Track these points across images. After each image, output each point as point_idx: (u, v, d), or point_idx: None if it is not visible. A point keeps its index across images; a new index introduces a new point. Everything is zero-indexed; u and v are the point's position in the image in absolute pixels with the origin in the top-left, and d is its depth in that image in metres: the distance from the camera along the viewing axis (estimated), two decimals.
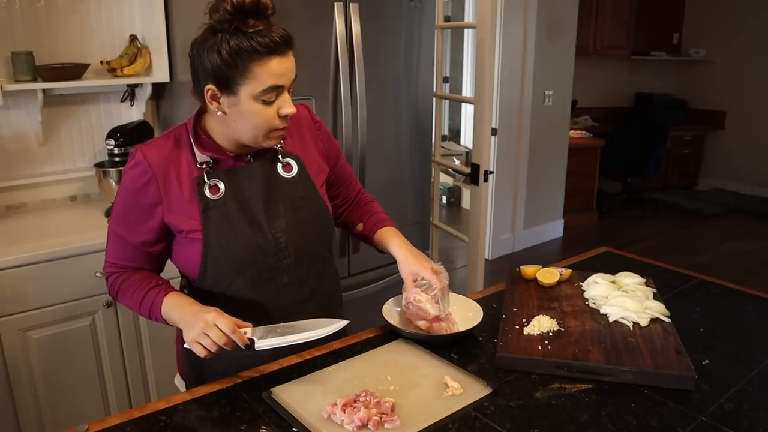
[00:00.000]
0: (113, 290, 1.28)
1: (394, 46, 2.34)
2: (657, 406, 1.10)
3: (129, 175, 1.21)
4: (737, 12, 6.22)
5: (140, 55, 2.31)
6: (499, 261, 4.54)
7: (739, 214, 5.81)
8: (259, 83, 1.11)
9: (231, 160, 1.24)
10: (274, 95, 1.14)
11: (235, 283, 1.24)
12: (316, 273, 1.34)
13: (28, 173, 2.30)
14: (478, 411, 1.08)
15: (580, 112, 6.06)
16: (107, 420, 1.06)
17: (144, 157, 1.19)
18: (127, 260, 1.26)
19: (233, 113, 1.15)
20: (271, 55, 1.10)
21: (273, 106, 1.15)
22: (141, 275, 1.26)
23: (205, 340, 1.10)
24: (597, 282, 1.52)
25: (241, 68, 1.10)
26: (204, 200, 1.21)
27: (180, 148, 1.22)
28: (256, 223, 1.24)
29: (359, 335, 1.37)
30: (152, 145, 1.22)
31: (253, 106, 1.13)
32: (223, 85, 1.13)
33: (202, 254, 1.21)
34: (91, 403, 2.04)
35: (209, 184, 1.21)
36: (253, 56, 1.09)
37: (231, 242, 1.21)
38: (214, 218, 1.21)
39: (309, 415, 1.05)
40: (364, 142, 2.22)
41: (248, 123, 1.15)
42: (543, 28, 4.38)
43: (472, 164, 2.59)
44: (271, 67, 1.11)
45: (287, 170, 1.29)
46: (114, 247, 1.27)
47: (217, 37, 1.11)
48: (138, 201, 1.20)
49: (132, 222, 1.22)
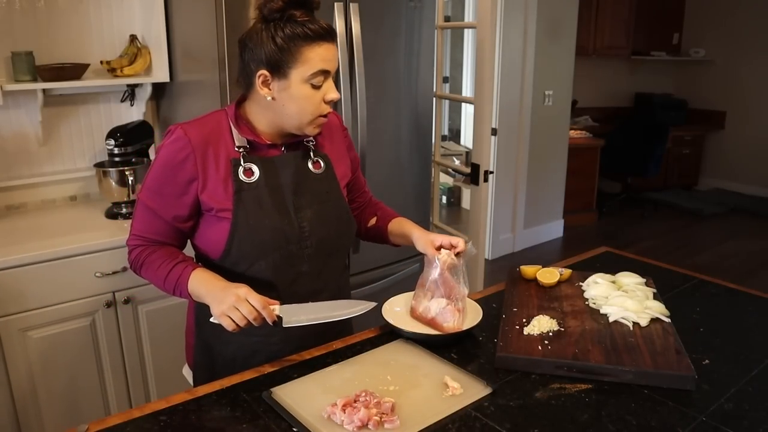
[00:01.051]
0: (137, 263, 1.30)
1: (394, 46, 2.34)
2: (657, 406, 1.10)
3: (168, 149, 1.24)
4: (737, 12, 6.22)
5: (140, 55, 2.31)
6: (499, 261, 4.54)
7: (739, 214, 5.81)
8: (310, 66, 1.18)
9: (266, 148, 1.29)
10: (322, 79, 1.21)
11: (257, 265, 1.27)
12: (333, 268, 1.38)
13: (28, 173, 2.30)
14: (478, 411, 1.08)
15: (580, 112, 6.06)
16: (107, 420, 1.06)
17: (185, 133, 1.23)
18: (156, 234, 1.28)
19: (283, 97, 1.21)
20: (321, 41, 1.18)
21: (320, 91, 1.22)
22: (166, 250, 1.28)
23: (235, 314, 1.13)
24: (597, 282, 1.52)
25: (295, 52, 1.17)
26: (238, 182, 1.24)
27: (220, 129, 1.27)
28: (284, 210, 1.28)
29: (359, 335, 1.37)
30: (193, 123, 1.27)
31: (303, 89, 1.20)
32: (275, 70, 1.19)
33: (230, 233, 1.24)
34: (91, 403, 2.04)
35: (244, 167, 1.25)
36: (306, 41, 1.17)
37: (259, 225, 1.25)
38: (246, 200, 1.24)
39: (309, 415, 1.05)
40: (364, 142, 2.22)
41: (297, 106, 1.22)
42: (543, 28, 4.38)
43: (472, 164, 2.59)
44: (320, 52, 1.19)
45: (316, 167, 1.34)
46: (142, 220, 1.28)
47: (270, 26, 1.18)
48: (175, 176, 1.23)
49: (166, 196, 1.25)
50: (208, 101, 2.03)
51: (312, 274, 1.32)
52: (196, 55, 2.14)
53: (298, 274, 1.30)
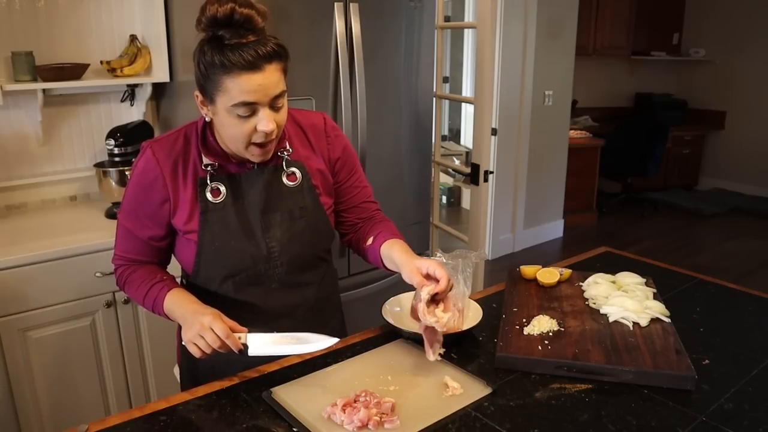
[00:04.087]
0: (120, 282, 1.31)
1: (394, 46, 2.34)
2: (657, 406, 1.10)
3: (138, 169, 1.23)
4: (737, 12, 6.22)
5: (140, 55, 2.31)
6: (499, 261, 4.54)
7: (739, 214, 5.81)
8: (230, 97, 1.10)
9: (235, 165, 1.25)
10: (249, 110, 1.11)
11: (225, 285, 1.27)
12: (310, 279, 1.35)
13: (28, 173, 2.30)
14: (478, 411, 1.08)
15: (580, 112, 6.06)
16: (107, 420, 1.06)
17: (153, 154, 1.21)
18: (135, 253, 1.29)
19: (216, 121, 1.17)
20: (242, 71, 1.07)
21: (249, 121, 1.13)
22: (147, 269, 1.29)
23: (200, 341, 1.12)
24: (597, 282, 1.52)
25: (215, 80, 1.10)
26: (204, 202, 1.22)
27: (189, 146, 1.24)
28: (250, 231, 1.25)
29: (359, 335, 1.37)
30: (163, 141, 1.24)
31: (228, 118, 1.13)
32: (204, 94, 1.15)
33: (196, 255, 1.24)
34: (91, 403, 2.04)
35: (212, 187, 1.22)
36: (224, 70, 1.08)
37: (224, 247, 1.23)
38: (211, 221, 1.22)
39: (309, 415, 1.05)
40: (364, 142, 2.22)
41: (227, 133, 1.16)
42: (543, 28, 4.38)
43: (472, 164, 2.59)
44: (241, 83, 1.08)
45: (291, 179, 1.28)
46: (122, 240, 1.29)
47: (200, 47, 1.12)
48: (147, 197, 1.22)
49: (141, 217, 1.24)
50: None
51: (285, 290, 1.30)
52: None
53: (269, 291, 1.29)
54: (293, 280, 1.31)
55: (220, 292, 1.27)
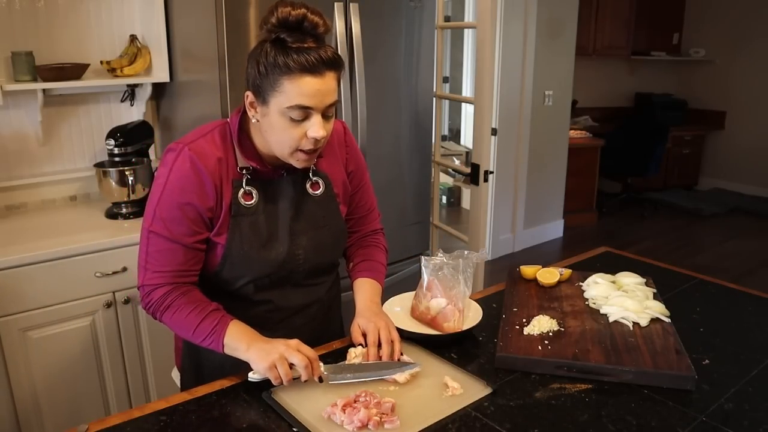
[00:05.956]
0: (160, 305, 1.19)
1: (394, 46, 2.34)
2: (657, 406, 1.10)
3: (180, 172, 1.16)
4: (737, 12, 6.21)
5: (140, 55, 2.31)
6: (499, 261, 4.53)
7: (739, 214, 5.81)
8: (287, 99, 1.10)
9: (269, 171, 1.24)
10: (302, 114, 1.11)
11: (246, 287, 1.27)
12: (324, 280, 1.39)
13: (28, 173, 2.30)
14: (478, 411, 1.08)
15: (580, 112, 6.06)
16: (107, 420, 1.06)
17: (195, 155, 1.16)
18: (179, 264, 1.19)
19: (264, 123, 1.15)
20: (304, 74, 1.08)
21: (300, 126, 1.12)
22: (195, 296, 1.21)
23: (282, 367, 1.10)
24: (597, 282, 1.52)
25: (273, 81, 1.10)
26: (237, 205, 1.21)
27: (227, 147, 1.21)
28: (279, 237, 1.25)
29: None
30: (201, 142, 1.19)
31: (280, 121, 1.12)
32: (257, 95, 1.13)
33: (222, 257, 1.22)
34: (91, 403, 2.04)
35: (245, 190, 1.21)
36: (286, 72, 1.08)
37: (252, 251, 1.22)
38: (242, 225, 1.21)
39: (309, 415, 1.05)
40: (364, 142, 2.22)
41: (275, 136, 1.15)
42: (543, 28, 4.38)
43: (472, 164, 2.59)
44: (301, 86, 1.09)
45: (315, 188, 1.29)
46: (158, 256, 1.18)
47: (264, 46, 1.11)
48: (192, 199, 1.17)
49: (185, 222, 1.17)
50: (208, 101, 2.03)
51: (302, 290, 1.33)
52: (196, 55, 2.14)
53: (287, 290, 1.31)
54: (310, 282, 1.34)
55: (239, 292, 1.27)
